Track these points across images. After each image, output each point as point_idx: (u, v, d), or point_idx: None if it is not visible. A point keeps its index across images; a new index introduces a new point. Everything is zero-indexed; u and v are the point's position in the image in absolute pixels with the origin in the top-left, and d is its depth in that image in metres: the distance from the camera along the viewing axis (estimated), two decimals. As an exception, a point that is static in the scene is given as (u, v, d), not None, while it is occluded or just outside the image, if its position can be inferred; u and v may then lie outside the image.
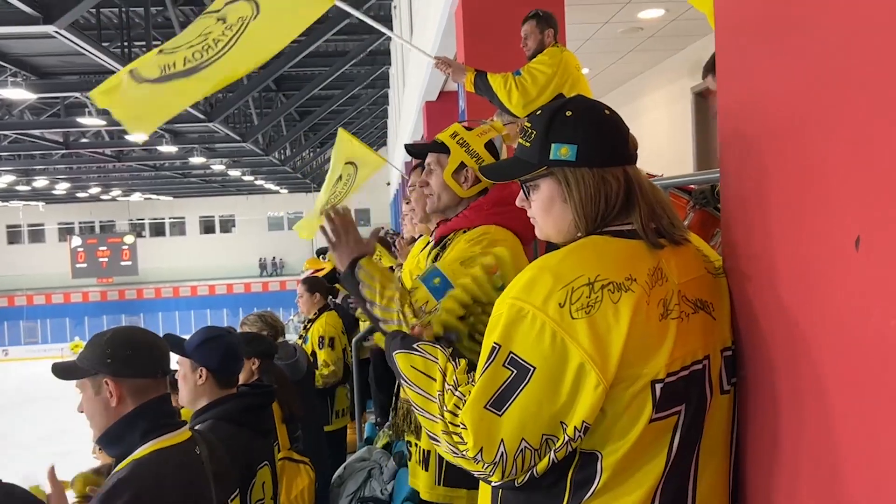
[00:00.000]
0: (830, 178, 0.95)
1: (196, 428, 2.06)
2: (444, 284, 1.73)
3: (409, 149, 2.16)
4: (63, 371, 1.73)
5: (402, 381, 1.35)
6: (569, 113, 1.22)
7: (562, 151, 1.20)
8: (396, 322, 1.66)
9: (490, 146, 1.94)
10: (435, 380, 1.27)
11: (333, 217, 1.78)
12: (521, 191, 1.30)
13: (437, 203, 1.97)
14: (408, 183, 2.51)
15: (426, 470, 2.01)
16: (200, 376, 2.21)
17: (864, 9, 0.87)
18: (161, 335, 1.90)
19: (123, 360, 1.68)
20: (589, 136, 1.20)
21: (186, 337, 2.26)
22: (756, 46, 1.14)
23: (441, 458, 1.86)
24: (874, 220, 0.86)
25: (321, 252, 4.79)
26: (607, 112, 1.24)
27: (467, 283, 1.69)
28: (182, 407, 2.39)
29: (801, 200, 1.03)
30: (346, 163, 5.83)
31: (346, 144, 5.93)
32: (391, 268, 3.70)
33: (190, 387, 2.22)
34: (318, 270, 6.50)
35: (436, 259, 1.92)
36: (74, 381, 1.73)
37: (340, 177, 5.84)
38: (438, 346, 1.33)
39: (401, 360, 1.35)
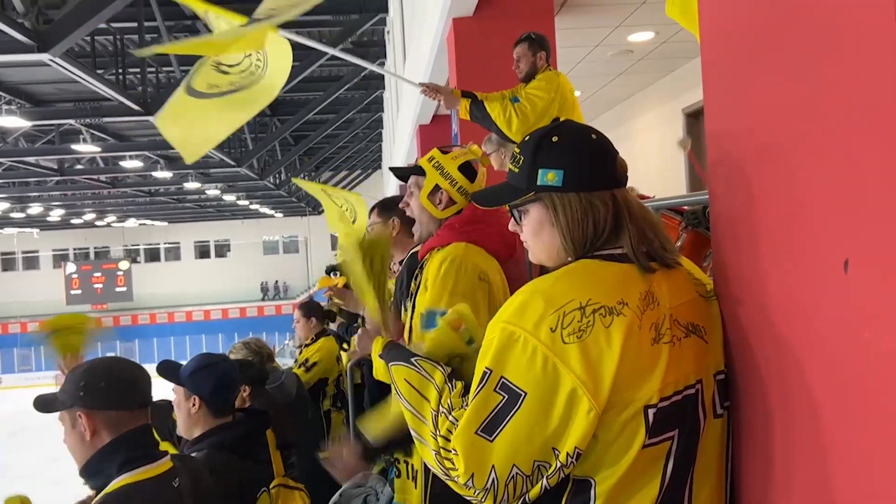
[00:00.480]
0: (818, 201, 0.95)
1: (191, 455, 2.05)
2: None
3: (394, 171, 2.25)
4: (43, 404, 1.73)
5: (396, 395, 1.34)
6: (555, 138, 1.22)
7: (549, 177, 1.21)
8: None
9: (465, 168, 2.02)
10: (428, 400, 1.26)
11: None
12: (512, 217, 1.31)
13: (420, 228, 2.07)
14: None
15: (416, 487, 2.02)
16: (194, 405, 2.17)
17: (849, 36, 0.88)
18: (158, 361, 1.88)
19: (97, 393, 1.66)
20: (575, 162, 1.21)
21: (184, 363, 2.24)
22: (742, 70, 1.15)
23: (428, 476, 1.86)
24: (862, 242, 0.87)
25: (331, 269, 4.76)
26: (594, 136, 1.24)
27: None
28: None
29: (789, 223, 1.03)
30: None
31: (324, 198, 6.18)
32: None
33: (184, 415, 2.19)
34: (330, 288, 6.46)
35: (415, 279, 2.02)
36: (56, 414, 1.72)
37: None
38: (438, 366, 1.32)
39: (397, 372, 1.34)
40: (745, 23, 1.13)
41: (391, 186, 14.70)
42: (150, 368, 2.10)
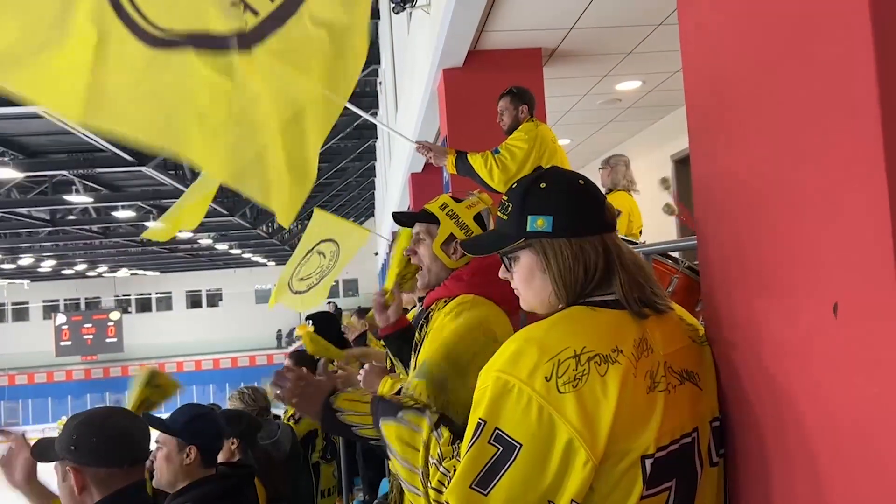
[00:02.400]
0: (806, 244, 0.96)
1: None
2: None
3: (397, 217, 2.16)
4: (39, 451, 1.69)
5: (388, 452, 1.32)
6: (543, 185, 1.23)
7: (538, 223, 1.21)
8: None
9: (479, 218, 1.96)
10: (418, 450, 1.25)
11: (279, 383, 1.60)
12: (503, 264, 1.31)
13: (427, 277, 1.97)
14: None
15: None
16: (188, 455, 2.11)
17: (830, 86, 0.89)
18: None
19: (87, 449, 1.63)
20: (564, 207, 1.21)
21: (164, 415, 2.19)
22: (726, 117, 1.17)
23: None
24: (850, 286, 0.87)
25: (310, 318, 4.75)
26: (581, 182, 1.25)
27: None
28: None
29: (779, 267, 1.03)
30: (325, 240, 5.85)
31: (321, 223, 5.98)
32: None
33: (174, 467, 2.12)
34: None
35: (420, 330, 1.92)
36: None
37: (323, 254, 5.84)
38: (424, 415, 1.30)
39: (387, 430, 1.33)
40: (729, 71, 1.15)
41: (384, 232, 14.71)
42: (164, 417, 2.08)
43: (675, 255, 3.11)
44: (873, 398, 0.84)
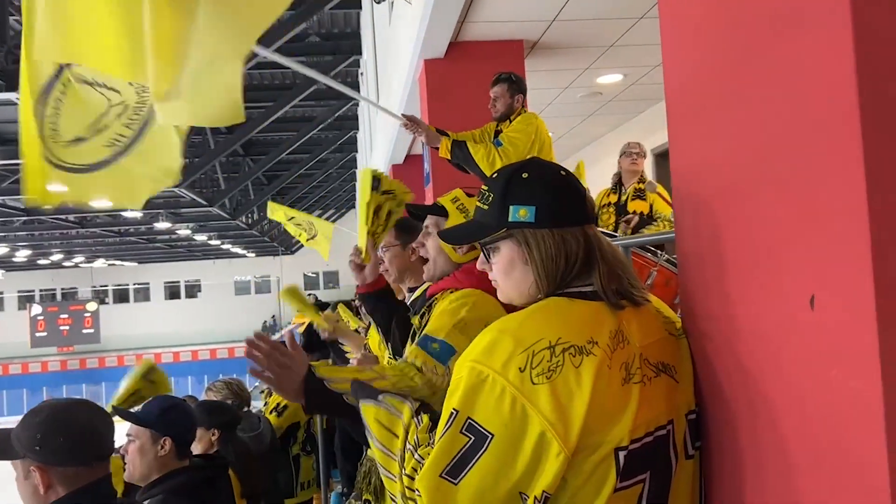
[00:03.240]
0: (783, 237, 0.96)
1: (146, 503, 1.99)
2: (444, 348, 1.68)
3: (410, 209, 2.13)
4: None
5: (368, 435, 1.32)
6: (525, 175, 1.22)
7: (520, 213, 1.20)
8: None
9: None
10: (397, 436, 1.24)
11: (254, 351, 1.49)
12: (482, 254, 1.30)
13: (433, 268, 1.95)
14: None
15: None
16: (163, 447, 2.10)
17: (809, 78, 0.89)
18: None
19: (52, 449, 1.59)
20: (547, 197, 1.20)
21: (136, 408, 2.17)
22: (705, 110, 1.17)
23: None
24: (827, 278, 0.87)
25: (323, 306, 4.76)
26: (563, 173, 1.24)
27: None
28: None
29: (756, 259, 1.03)
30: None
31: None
32: (357, 329, 3.64)
33: (148, 459, 2.10)
34: (301, 324, 6.63)
35: (422, 317, 1.90)
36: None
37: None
38: (406, 401, 1.30)
39: (366, 412, 1.32)
40: (708, 63, 1.15)
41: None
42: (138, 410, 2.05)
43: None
44: (847, 392, 0.84)
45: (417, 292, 2.18)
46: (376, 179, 2.19)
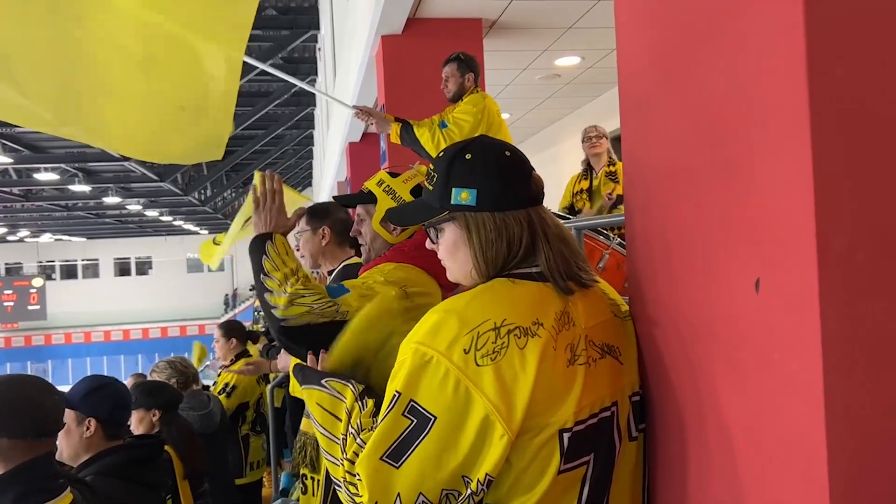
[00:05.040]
0: (730, 220, 0.95)
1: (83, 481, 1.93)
2: (339, 288, 1.73)
3: (339, 200, 2.15)
4: None
5: (311, 419, 1.29)
6: (468, 156, 1.20)
7: (462, 196, 1.18)
8: (279, 293, 1.65)
9: (416, 191, 1.94)
10: (340, 420, 1.22)
11: (267, 180, 1.78)
12: (428, 235, 1.28)
13: (370, 252, 1.97)
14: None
15: (317, 498, 1.98)
16: (88, 428, 2.07)
17: (759, 59, 0.88)
18: (73, 384, 1.76)
19: None
20: (489, 180, 1.18)
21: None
22: (654, 93, 1.15)
23: (329, 487, 1.85)
24: (773, 262, 0.87)
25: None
26: (508, 153, 1.21)
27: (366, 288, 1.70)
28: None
29: (702, 242, 1.03)
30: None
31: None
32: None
33: (74, 440, 2.07)
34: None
35: None
36: None
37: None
38: (349, 384, 1.27)
39: (309, 396, 1.30)
40: (660, 44, 1.14)
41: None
42: (66, 391, 1.99)
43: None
44: (789, 375, 0.84)
45: (334, 273, 2.24)
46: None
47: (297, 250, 2.21)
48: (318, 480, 2.00)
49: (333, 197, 2.13)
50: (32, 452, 1.61)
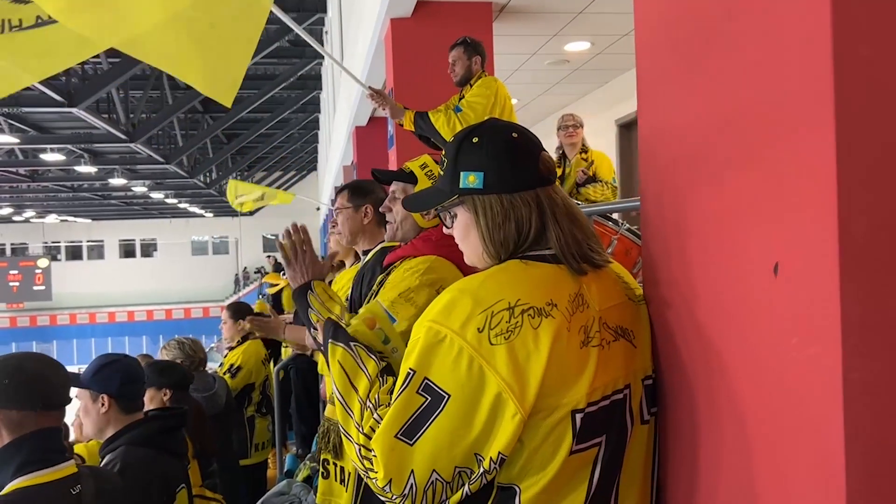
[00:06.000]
0: (748, 204, 0.95)
1: (106, 457, 2.03)
2: (385, 318, 1.68)
3: (376, 174, 2.08)
4: None
5: (330, 374, 1.31)
6: (476, 139, 1.20)
7: (469, 179, 1.18)
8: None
9: None
10: (357, 390, 1.23)
11: (293, 233, 1.77)
12: (443, 220, 1.29)
13: (395, 232, 1.94)
14: (334, 205, 2.43)
15: (346, 489, 1.96)
16: (103, 405, 2.12)
17: (785, 40, 0.87)
18: (77, 364, 1.79)
19: None
20: (495, 163, 1.17)
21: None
22: (675, 76, 1.14)
23: (361, 481, 1.83)
24: (793, 245, 0.86)
25: (281, 268, 4.75)
26: (515, 135, 1.20)
27: (411, 314, 1.65)
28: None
29: (719, 226, 1.02)
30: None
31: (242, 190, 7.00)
32: None
33: (93, 417, 2.13)
34: (274, 285, 6.82)
35: (381, 285, 1.87)
36: None
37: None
38: (373, 356, 1.28)
39: (333, 352, 1.31)
40: (681, 24, 1.12)
41: (327, 189, 14.48)
42: (71, 371, 2.03)
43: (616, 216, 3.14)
44: (806, 360, 0.84)
45: (371, 254, 2.17)
46: None
47: (335, 227, 2.16)
48: (341, 467, 1.99)
49: (373, 171, 2.08)
50: (40, 424, 1.65)
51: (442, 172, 1.24)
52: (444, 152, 1.26)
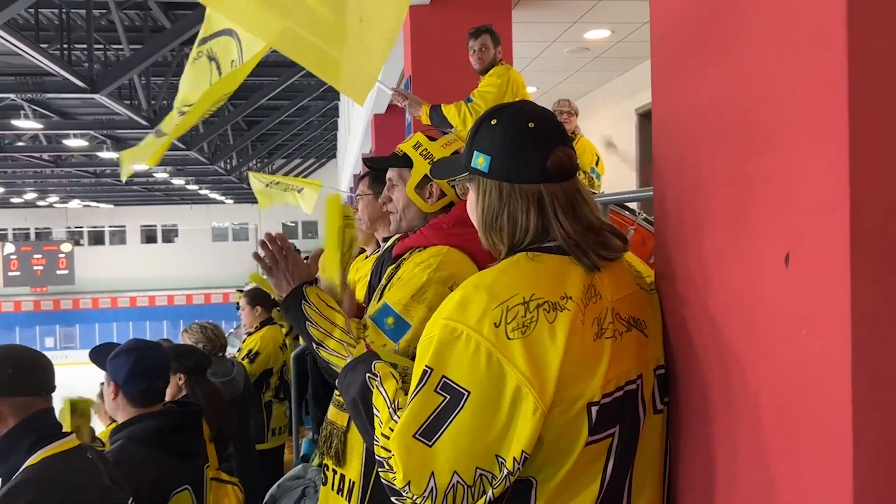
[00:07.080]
0: (762, 193, 0.94)
1: (110, 448, 2.05)
2: (399, 324, 1.61)
3: (368, 162, 2.01)
4: None
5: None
6: (494, 121, 1.19)
7: (479, 161, 1.18)
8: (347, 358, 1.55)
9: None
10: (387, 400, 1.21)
11: (269, 244, 1.66)
12: (457, 192, 1.30)
13: (399, 223, 1.85)
14: (355, 192, 2.39)
15: (348, 502, 1.77)
16: (112, 390, 2.11)
17: (792, 30, 0.86)
18: (98, 343, 1.81)
19: (4, 380, 1.68)
20: (502, 151, 1.16)
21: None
22: (689, 66, 1.14)
23: (366, 492, 1.70)
24: (804, 236, 0.86)
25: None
26: (532, 125, 1.17)
27: (423, 316, 1.58)
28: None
29: (733, 217, 1.02)
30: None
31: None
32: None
33: (107, 402, 2.14)
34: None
35: (389, 279, 1.77)
36: None
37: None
38: (393, 373, 1.27)
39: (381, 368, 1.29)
40: (694, 12, 1.11)
41: (346, 176, 14.51)
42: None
43: (633, 206, 3.12)
44: (817, 351, 0.84)
45: (390, 241, 2.08)
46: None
47: (356, 212, 2.04)
48: (342, 475, 1.80)
49: (364, 159, 2.05)
50: (41, 407, 1.73)
51: (465, 145, 1.25)
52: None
